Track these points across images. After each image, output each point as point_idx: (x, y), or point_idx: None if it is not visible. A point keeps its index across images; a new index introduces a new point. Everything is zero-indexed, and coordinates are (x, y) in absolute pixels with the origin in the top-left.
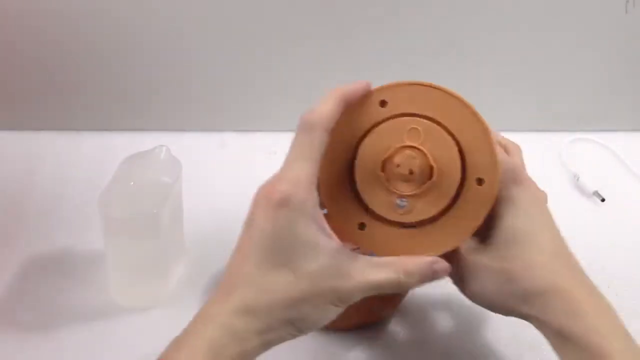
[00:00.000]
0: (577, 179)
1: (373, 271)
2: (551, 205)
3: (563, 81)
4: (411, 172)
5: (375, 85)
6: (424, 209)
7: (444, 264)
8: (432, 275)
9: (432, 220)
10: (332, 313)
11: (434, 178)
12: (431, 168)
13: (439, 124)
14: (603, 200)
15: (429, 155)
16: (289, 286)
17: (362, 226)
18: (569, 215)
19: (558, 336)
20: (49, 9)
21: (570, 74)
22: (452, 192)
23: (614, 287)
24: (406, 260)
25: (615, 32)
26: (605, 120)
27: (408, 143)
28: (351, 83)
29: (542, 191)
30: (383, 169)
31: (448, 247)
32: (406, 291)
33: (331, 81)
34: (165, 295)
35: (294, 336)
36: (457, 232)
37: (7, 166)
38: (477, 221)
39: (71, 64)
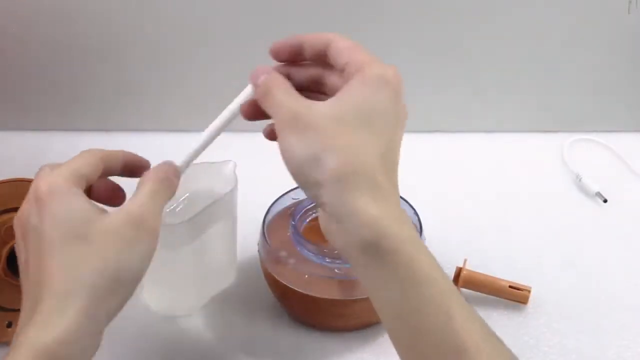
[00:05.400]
0: (579, 180)
1: (135, 197)
2: (553, 205)
3: (565, 82)
4: None
5: None
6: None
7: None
8: (173, 172)
9: None
10: (141, 250)
11: None
12: None
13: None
14: (605, 201)
15: None
16: (94, 246)
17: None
18: (572, 216)
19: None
20: (49, 9)
21: (572, 74)
22: None
23: (616, 287)
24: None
25: (618, 32)
26: (607, 121)
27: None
28: None
29: (397, 77)
30: None
31: None
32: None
33: None
34: (197, 305)
35: (122, 299)
36: None
37: (7, 166)
38: None
39: (71, 64)
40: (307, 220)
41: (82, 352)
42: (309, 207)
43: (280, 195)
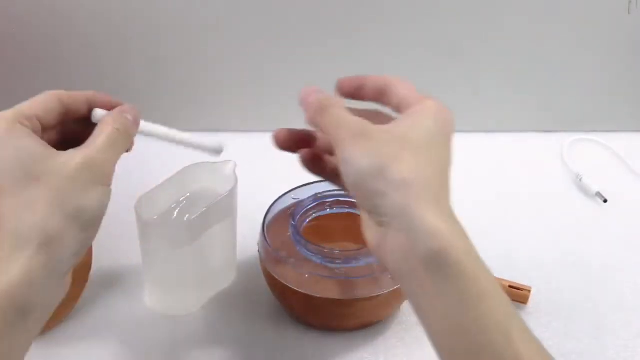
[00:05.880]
0: (580, 180)
1: (93, 140)
2: (553, 205)
3: (565, 81)
4: None
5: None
6: None
7: (129, 107)
8: (133, 120)
9: None
10: (100, 193)
11: None
12: None
13: None
14: (605, 201)
15: None
16: (50, 186)
17: None
18: (572, 216)
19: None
20: (49, 9)
21: (572, 74)
22: None
23: (616, 287)
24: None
25: (618, 32)
26: (607, 121)
27: None
28: None
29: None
30: None
31: None
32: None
33: (332, 81)
34: (197, 305)
35: (82, 240)
36: None
37: None
38: None
39: (71, 64)
40: (307, 220)
41: (44, 294)
42: (309, 207)
43: (280, 195)
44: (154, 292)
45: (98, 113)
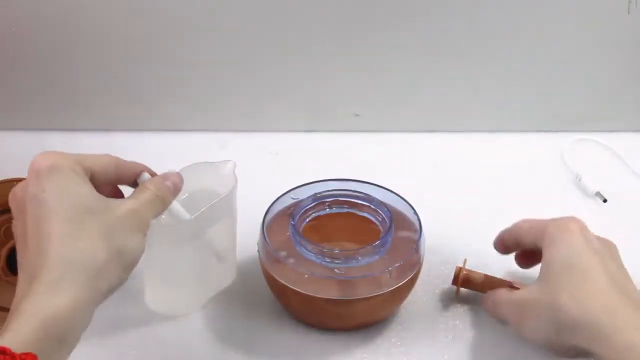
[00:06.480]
0: (579, 180)
1: (139, 195)
2: (553, 205)
3: (565, 81)
4: None
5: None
6: None
7: (173, 175)
8: (173, 188)
9: None
10: (141, 239)
11: None
12: None
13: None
14: (605, 201)
15: None
16: (102, 223)
17: None
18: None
19: None
20: (49, 9)
21: (572, 74)
22: None
23: None
24: (146, 186)
25: (618, 32)
26: (607, 121)
27: None
28: None
29: (575, 221)
30: None
31: None
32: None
33: (332, 82)
34: (197, 305)
35: (120, 278)
36: None
37: (7, 166)
38: None
39: (71, 64)
40: (307, 220)
41: (81, 322)
42: (308, 206)
43: (280, 195)
44: (154, 292)
45: (145, 177)
